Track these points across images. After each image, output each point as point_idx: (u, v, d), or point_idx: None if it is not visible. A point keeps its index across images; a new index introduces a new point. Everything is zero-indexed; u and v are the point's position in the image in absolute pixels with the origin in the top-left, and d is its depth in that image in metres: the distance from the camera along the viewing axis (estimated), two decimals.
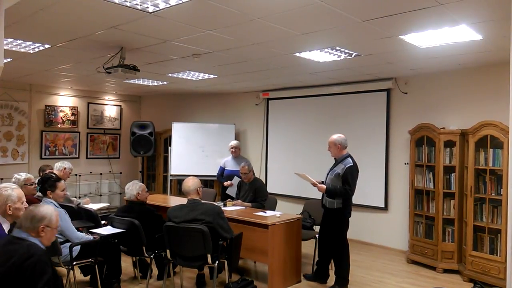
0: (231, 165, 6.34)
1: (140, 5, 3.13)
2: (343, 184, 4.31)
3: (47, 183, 3.99)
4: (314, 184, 4.47)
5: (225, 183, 6.10)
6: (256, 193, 5.38)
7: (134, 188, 4.50)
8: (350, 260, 4.57)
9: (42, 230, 2.33)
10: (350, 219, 4.56)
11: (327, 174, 4.56)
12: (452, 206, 5.16)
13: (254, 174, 5.58)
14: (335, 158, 4.55)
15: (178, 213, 3.92)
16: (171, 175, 7.90)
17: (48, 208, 2.43)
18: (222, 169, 6.46)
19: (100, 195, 8.43)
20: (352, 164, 4.35)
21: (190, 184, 4.03)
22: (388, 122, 6.28)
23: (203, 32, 3.81)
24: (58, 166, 5.30)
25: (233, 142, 6.55)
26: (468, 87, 5.46)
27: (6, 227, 2.88)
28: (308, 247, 5.33)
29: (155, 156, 8.48)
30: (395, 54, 4.63)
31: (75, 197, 7.17)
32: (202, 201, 4.05)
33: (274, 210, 5.40)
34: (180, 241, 3.87)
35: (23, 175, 4.63)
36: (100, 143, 8.57)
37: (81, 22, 3.61)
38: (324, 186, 4.39)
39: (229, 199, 5.61)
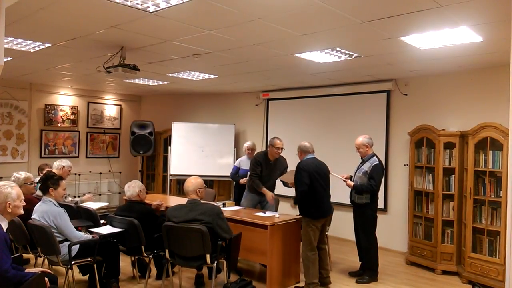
0: (245, 165, 6.42)
1: (141, 5, 3.13)
2: (369, 180, 4.68)
3: (50, 181, 3.98)
4: (344, 181, 4.86)
5: (241, 181, 6.17)
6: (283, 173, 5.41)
7: (135, 186, 4.50)
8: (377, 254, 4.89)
9: None
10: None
11: (355, 172, 4.92)
12: (451, 208, 5.16)
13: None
14: (361, 158, 4.90)
15: (178, 213, 3.91)
16: (170, 175, 7.90)
17: None
18: (236, 169, 6.52)
19: (100, 195, 8.43)
20: (377, 162, 4.74)
21: (190, 184, 4.02)
22: (388, 123, 6.28)
23: (204, 32, 3.81)
24: (57, 165, 5.29)
25: (249, 143, 6.59)
26: (468, 89, 5.46)
27: (4, 225, 2.88)
28: None
29: (154, 156, 8.49)
30: (395, 56, 4.63)
31: (74, 196, 7.17)
32: (202, 201, 4.04)
33: (276, 210, 5.41)
34: (179, 241, 3.86)
35: (22, 174, 4.64)
36: (99, 142, 8.57)
37: (82, 21, 3.61)
38: (352, 183, 4.78)
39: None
